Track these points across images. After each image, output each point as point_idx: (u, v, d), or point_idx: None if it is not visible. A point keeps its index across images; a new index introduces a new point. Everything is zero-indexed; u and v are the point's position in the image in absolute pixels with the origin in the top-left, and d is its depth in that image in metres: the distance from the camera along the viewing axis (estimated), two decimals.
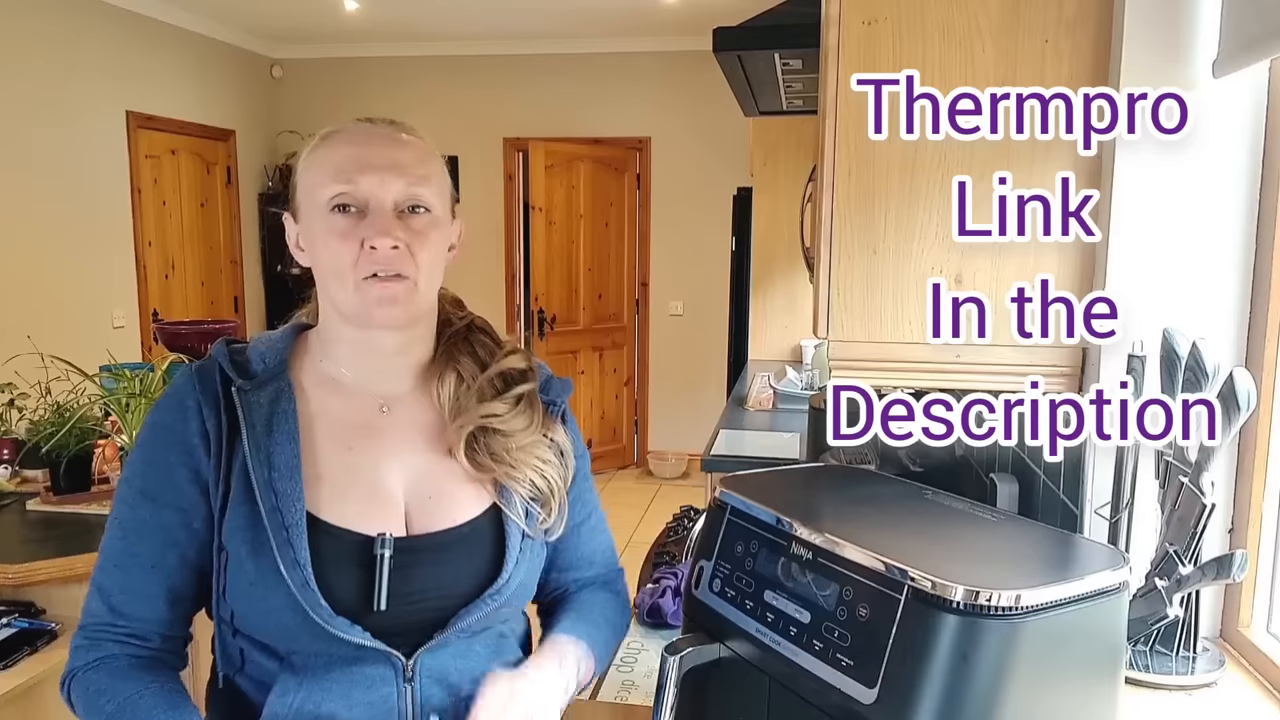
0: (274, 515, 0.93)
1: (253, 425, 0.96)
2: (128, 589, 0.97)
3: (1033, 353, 1.25)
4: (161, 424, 0.98)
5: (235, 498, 0.95)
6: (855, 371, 1.30)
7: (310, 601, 0.91)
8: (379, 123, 1.03)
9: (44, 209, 4.70)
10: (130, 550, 0.97)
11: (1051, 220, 1.22)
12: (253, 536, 0.93)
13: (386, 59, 6.40)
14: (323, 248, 0.98)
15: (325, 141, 1.01)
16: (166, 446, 0.97)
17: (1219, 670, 1.11)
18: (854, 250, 1.27)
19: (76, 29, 4.89)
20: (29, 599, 2.13)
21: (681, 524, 2.03)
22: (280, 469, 0.95)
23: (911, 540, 0.92)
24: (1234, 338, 1.19)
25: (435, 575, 0.98)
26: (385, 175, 0.97)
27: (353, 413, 1.03)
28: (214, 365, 1.00)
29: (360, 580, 0.95)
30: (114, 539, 0.98)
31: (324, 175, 0.98)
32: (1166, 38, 1.14)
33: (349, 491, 0.99)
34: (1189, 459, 1.07)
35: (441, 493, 1.01)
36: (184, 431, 0.97)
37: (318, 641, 0.93)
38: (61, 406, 2.40)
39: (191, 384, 0.98)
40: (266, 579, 0.92)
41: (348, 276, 0.96)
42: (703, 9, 5.17)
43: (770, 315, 4.46)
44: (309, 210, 1.00)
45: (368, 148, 0.99)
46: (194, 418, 0.97)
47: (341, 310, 1.00)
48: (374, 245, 0.95)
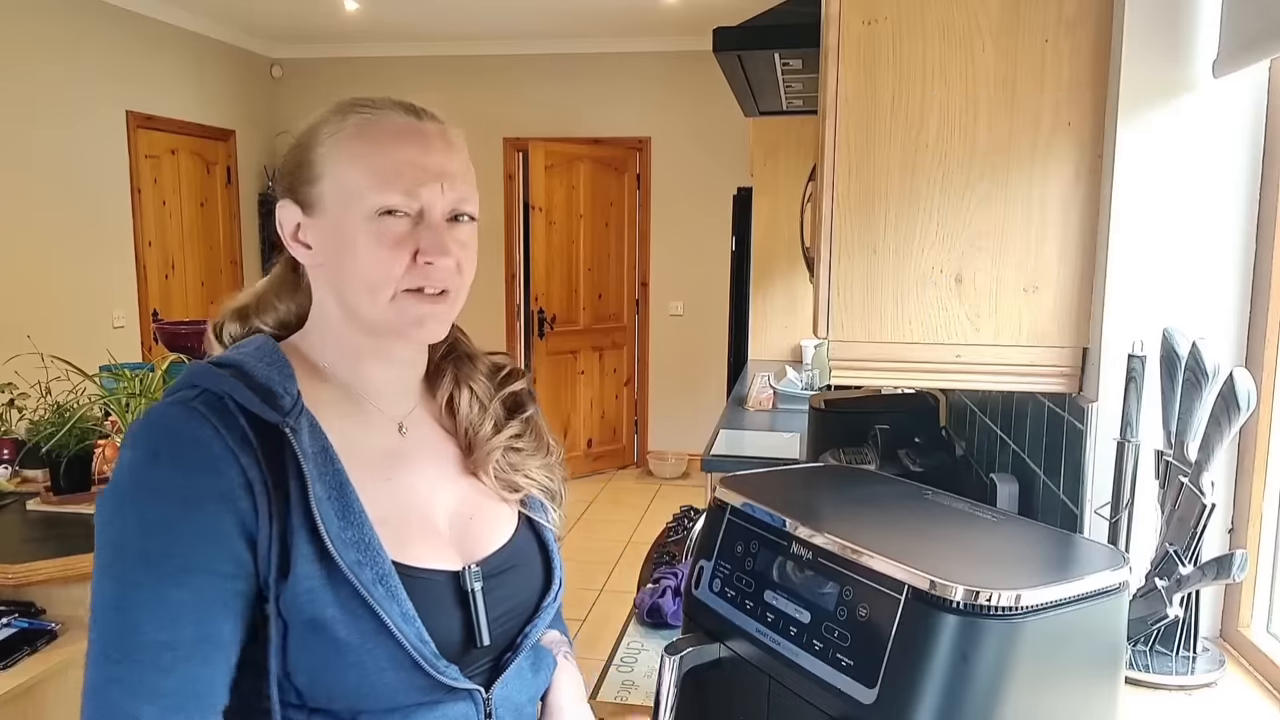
0: (362, 571, 0.81)
1: (313, 471, 0.82)
2: (182, 689, 0.77)
3: (1033, 353, 1.25)
4: (181, 482, 0.79)
5: (301, 557, 0.80)
6: (855, 371, 1.30)
7: (427, 656, 0.83)
8: (424, 115, 0.93)
9: (44, 209, 4.70)
10: (171, 643, 0.77)
11: (1052, 220, 1.22)
12: (338, 598, 0.80)
13: (386, 59, 6.41)
14: (361, 254, 0.87)
15: (367, 131, 0.89)
16: (199, 508, 0.79)
17: (1219, 670, 1.11)
18: (854, 250, 1.27)
19: (76, 29, 4.89)
20: (29, 599, 2.14)
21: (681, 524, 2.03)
22: (349, 518, 0.83)
23: (911, 540, 0.92)
24: (1234, 338, 1.19)
25: (509, 597, 0.94)
26: (442, 184, 0.89)
27: (377, 439, 0.93)
28: (225, 399, 0.82)
29: (459, 619, 0.89)
30: (146, 632, 0.77)
31: (373, 177, 0.87)
32: (1166, 38, 1.14)
33: (409, 528, 0.90)
34: (1189, 459, 1.07)
35: (479, 512, 0.97)
36: (221, 485, 0.79)
37: (416, 695, 0.85)
38: (61, 406, 2.40)
39: (206, 425, 0.80)
40: (367, 642, 0.81)
41: (386, 289, 0.87)
42: (703, 9, 5.17)
43: (770, 315, 4.46)
44: (340, 208, 0.88)
45: (426, 152, 0.89)
46: (230, 467, 0.80)
47: (366, 322, 0.90)
48: (431, 261, 0.87)
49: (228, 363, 0.86)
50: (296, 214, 0.91)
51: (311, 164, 0.90)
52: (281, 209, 0.92)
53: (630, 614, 1.63)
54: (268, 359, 0.88)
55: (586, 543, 4.91)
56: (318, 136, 0.90)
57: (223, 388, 0.83)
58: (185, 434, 0.80)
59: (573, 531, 5.12)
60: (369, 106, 0.91)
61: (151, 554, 0.78)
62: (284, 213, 0.92)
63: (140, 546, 0.79)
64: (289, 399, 0.84)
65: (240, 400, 0.82)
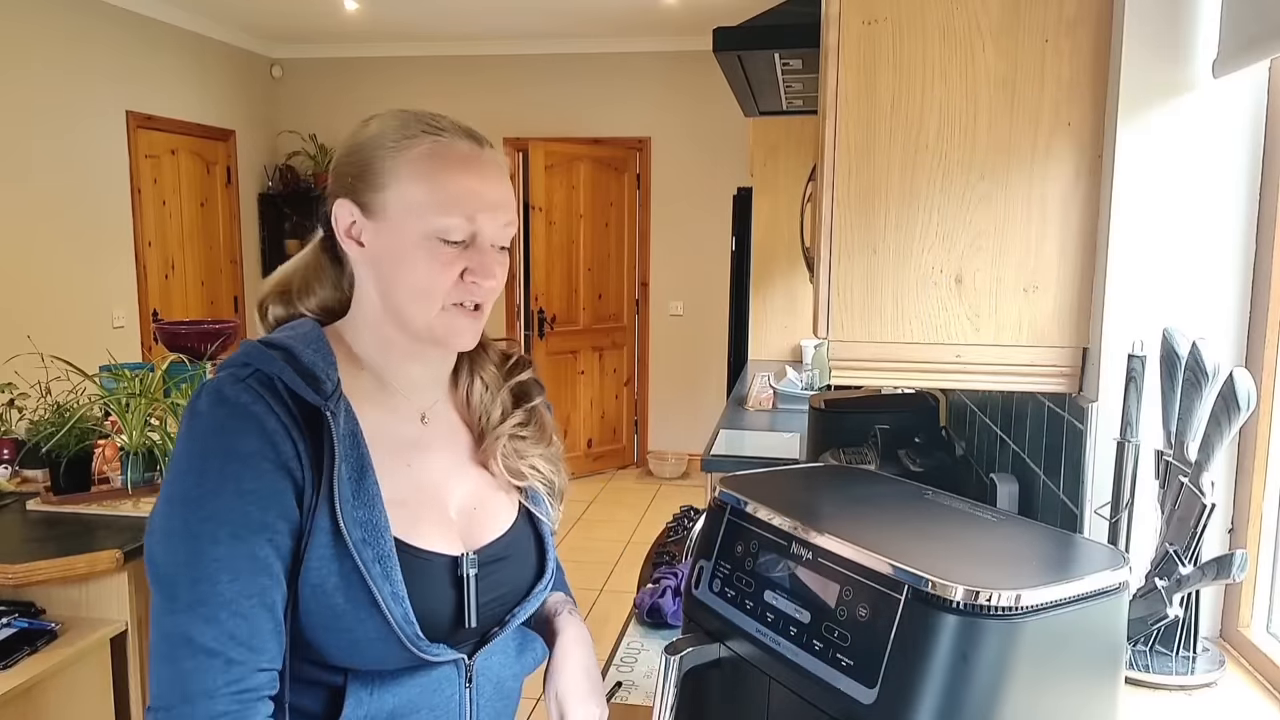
0: (364, 549, 0.89)
1: (344, 453, 0.90)
2: (257, 633, 0.86)
3: (1033, 353, 1.25)
4: (247, 449, 0.87)
5: (319, 528, 0.89)
6: (855, 371, 1.30)
7: (409, 634, 0.91)
8: (483, 144, 1.00)
9: (44, 209, 4.70)
10: (246, 592, 0.85)
11: (1052, 220, 1.22)
12: (341, 569, 0.89)
13: (386, 59, 6.41)
14: (416, 266, 0.94)
15: (435, 157, 0.95)
16: (265, 474, 0.87)
17: (1219, 670, 1.11)
18: (854, 250, 1.27)
19: (77, 29, 4.89)
20: (29, 599, 2.14)
21: (681, 524, 2.03)
22: (364, 499, 0.91)
23: (911, 540, 0.92)
24: (1234, 338, 1.19)
25: (500, 583, 1.02)
26: (496, 215, 0.97)
27: (402, 426, 1.01)
28: (275, 380, 0.90)
29: (451, 600, 0.97)
30: (222, 585, 0.84)
31: (436, 199, 0.94)
32: (1166, 38, 1.14)
33: (422, 512, 0.97)
34: (1189, 459, 1.07)
35: (483, 502, 1.04)
36: (279, 455, 0.88)
37: (401, 663, 0.93)
38: (61, 406, 2.40)
39: (261, 402, 0.88)
40: (359, 613, 0.89)
41: (435, 301, 0.95)
42: (703, 9, 5.17)
43: (770, 315, 4.46)
44: (402, 220, 0.94)
45: (484, 182, 0.97)
46: (284, 441, 0.88)
47: (409, 326, 0.97)
48: (478, 282, 0.96)
49: (279, 344, 0.93)
50: (354, 212, 0.97)
51: (378, 172, 0.96)
52: (339, 205, 0.98)
53: (630, 614, 1.63)
54: (314, 345, 0.95)
55: (586, 543, 4.91)
56: (387, 148, 0.96)
57: (273, 369, 0.90)
58: (240, 408, 0.88)
59: (573, 531, 5.12)
60: (437, 130, 0.97)
61: (227, 515, 0.85)
62: (341, 209, 0.98)
63: (216, 508, 0.86)
64: (330, 384, 0.91)
65: (288, 382, 0.90)
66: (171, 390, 2.49)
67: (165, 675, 0.85)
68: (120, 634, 2.12)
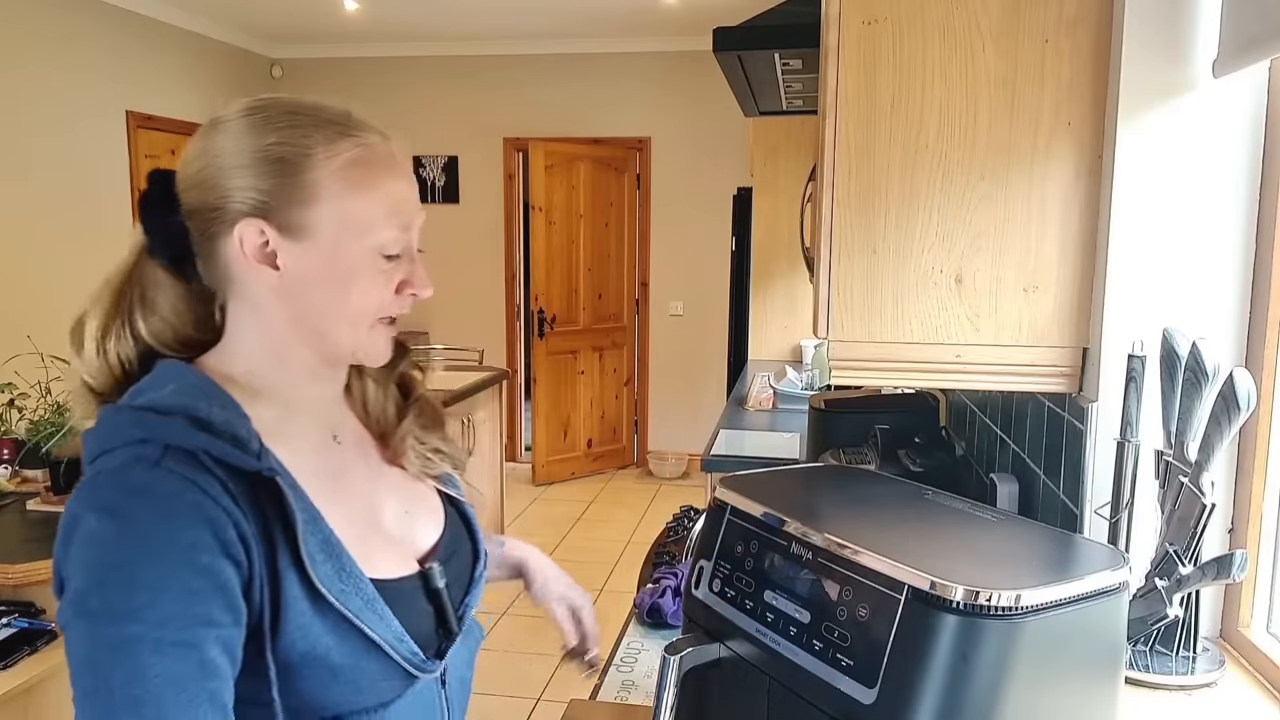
0: (348, 599, 0.83)
1: (296, 513, 0.80)
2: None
3: (1033, 353, 1.25)
4: (182, 544, 0.74)
5: (291, 599, 0.80)
6: (855, 371, 1.30)
7: (415, 662, 0.89)
8: (388, 137, 0.91)
9: (44, 209, 4.70)
10: (191, 701, 0.73)
11: (1052, 220, 1.22)
12: (329, 626, 0.82)
13: (386, 59, 6.41)
14: (359, 286, 0.86)
15: (364, 162, 0.87)
16: (205, 567, 0.75)
17: (1219, 670, 1.11)
18: (854, 250, 1.27)
19: (76, 29, 4.89)
20: (29, 599, 2.14)
21: (681, 524, 2.03)
22: (330, 551, 0.83)
23: (911, 540, 0.92)
24: (1234, 338, 1.19)
25: (458, 578, 1.00)
26: (421, 216, 0.92)
27: (322, 459, 0.92)
28: (195, 452, 0.78)
29: (431, 616, 0.95)
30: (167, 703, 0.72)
31: (380, 212, 0.86)
32: (1166, 38, 1.14)
33: (371, 542, 0.91)
34: (1189, 459, 1.07)
35: (412, 503, 1.00)
36: (222, 543, 0.76)
37: (394, 691, 0.90)
38: (62, 406, 2.40)
39: (192, 488, 0.76)
40: (361, 662, 0.84)
41: (369, 318, 0.88)
42: (703, 9, 5.17)
43: (770, 315, 4.46)
44: (336, 238, 0.85)
45: (411, 185, 0.91)
46: (225, 526, 0.77)
47: (332, 350, 0.90)
48: (416, 293, 0.91)
49: (174, 409, 0.79)
50: (266, 233, 0.84)
51: (304, 185, 0.84)
52: (244, 226, 0.84)
53: (630, 614, 1.63)
54: (208, 396, 0.82)
55: (586, 543, 4.91)
56: (313, 158, 0.84)
57: (194, 443, 0.77)
58: (176, 496, 0.76)
59: (573, 531, 5.12)
60: (356, 131, 0.87)
61: (166, 620, 0.73)
62: (247, 230, 0.84)
63: (154, 615, 0.73)
64: (255, 442, 0.80)
65: (215, 454, 0.78)
66: None
67: None
68: None
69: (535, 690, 3.36)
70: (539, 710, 3.24)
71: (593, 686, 1.36)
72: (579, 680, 1.28)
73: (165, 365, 0.86)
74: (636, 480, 6.24)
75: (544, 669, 3.44)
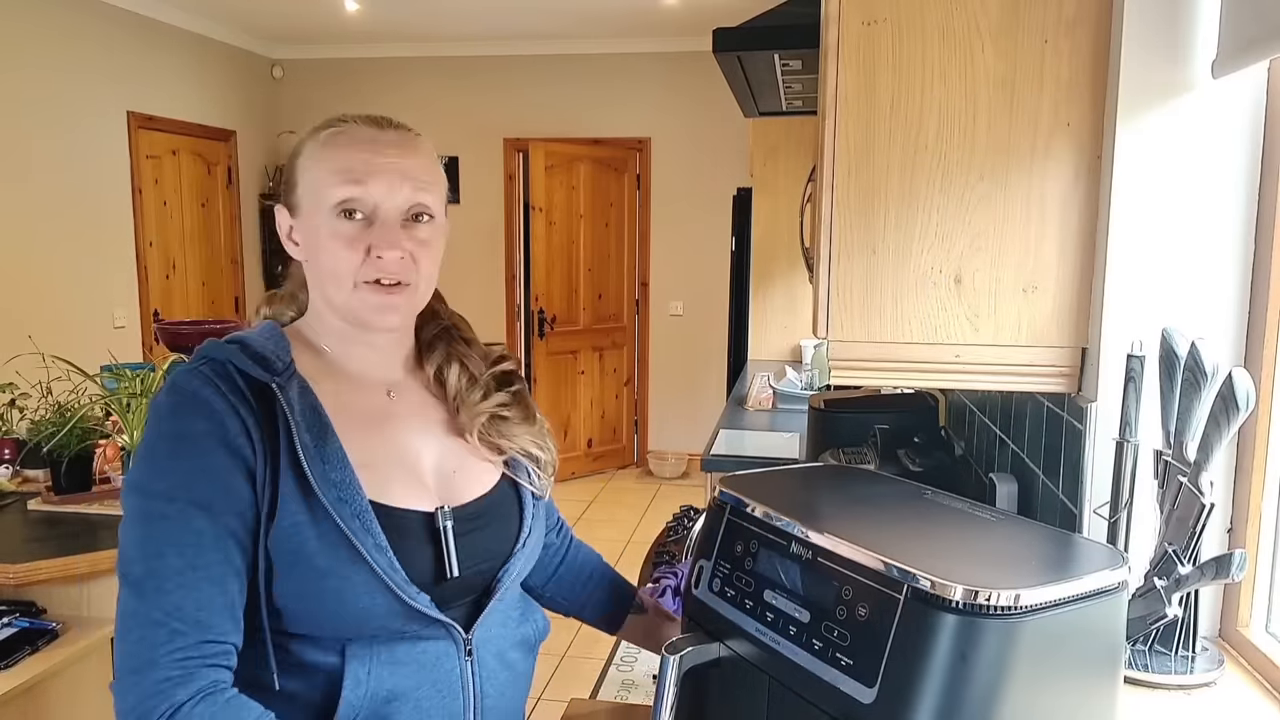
0: (341, 506, 0.93)
1: (299, 421, 0.95)
2: (204, 606, 0.89)
3: (1032, 353, 1.25)
4: (194, 431, 0.92)
5: (287, 496, 0.93)
6: (855, 371, 1.31)
7: (397, 581, 0.94)
8: (385, 126, 1.03)
9: (45, 209, 4.70)
10: (193, 565, 0.89)
11: (1051, 220, 1.23)
12: (319, 531, 0.92)
13: (387, 59, 6.41)
14: (325, 250, 0.99)
15: (332, 140, 1.01)
16: (209, 452, 0.91)
17: (1218, 670, 1.11)
18: (854, 250, 1.27)
19: (77, 29, 4.89)
20: (30, 599, 2.14)
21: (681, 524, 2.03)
22: (331, 461, 0.95)
23: (911, 540, 0.92)
24: (1233, 338, 1.19)
25: (483, 539, 1.05)
26: (394, 181, 0.99)
27: (367, 399, 1.05)
28: (226, 364, 0.95)
29: (430, 554, 1.00)
30: (169, 559, 0.89)
31: (331, 177, 0.99)
32: (1166, 38, 1.14)
33: (392, 474, 1.01)
34: (1188, 459, 1.07)
35: (461, 467, 1.08)
36: (225, 434, 0.92)
37: (392, 622, 0.95)
38: (62, 406, 2.40)
39: (210, 386, 0.93)
40: (344, 569, 0.92)
41: (346, 280, 0.99)
42: (703, 9, 5.17)
43: (770, 315, 4.46)
44: (311, 208, 1.01)
45: (377, 153, 1.00)
46: (231, 419, 0.92)
47: (338, 310, 1.02)
48: (381, 255, 0.98)
49: (233, 339, 0.99)
50: (287, 218, 1.05)
51: (293, 172, 1.03)
52: (277, 212, 1.06)
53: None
54: (267, 335, 1.01)
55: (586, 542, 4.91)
56: (301, 149, 1.03)
57: (224, 355, 0.96)
58: (190, 394, 0.93)
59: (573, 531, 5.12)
60: (341, 121, 1.03)
61: (174, 492, 0.90)
62: (280, 217, 1.06)
63: (164, 487, 0.91)
64: (280, 364, 0.97)
65: (238, 364, 0.95)
66: None
67: (120, 649, 0.89)
68: None
69: (535, 690, 3.36)
70: (539, 710, 3.24)
71: (592, 686, 1.36)
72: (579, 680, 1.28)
73: (264, 322, 1.07)
74: (636, 480, 6.24)
75: (544, 668, 3.44)
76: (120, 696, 0.87)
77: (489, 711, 1.04)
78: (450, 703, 1.00)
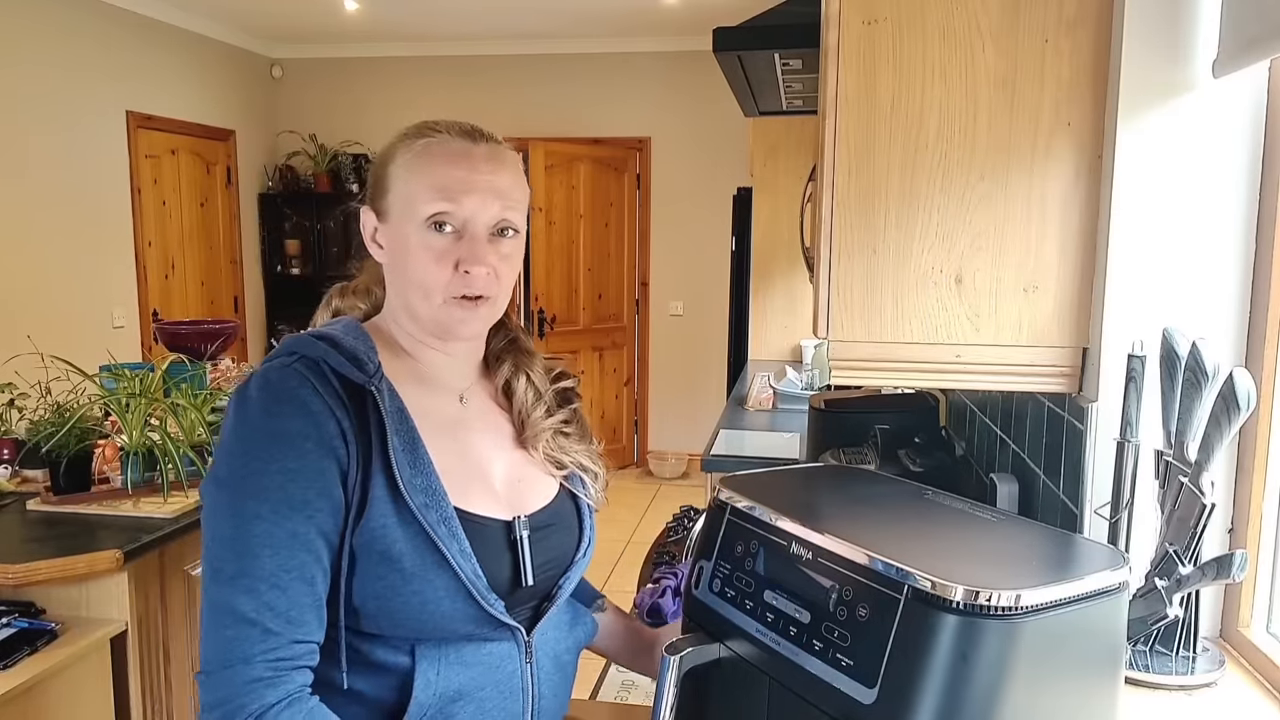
0: (429, 512, 0.95)
1: (395, 425, 0.96)
2: (295, 605, 0.90)
3: (1033, 353, 1.25)
4: (290, 431, 0.92)
5: (377, 497, 0.94)
6: (855, 371, 1.30)
7: (479, 588, 0.96)
8: (478, 138, 1.05)
9: (44, 209, 4.70)
10: (285, 567, 0.90)
11: (1052, 220, 1.22)
12: (406, 534, 0.94)
13: (386, 59, 6.41)
14: (414, 261, 1.00)
15: (426, 151, 1.02)
16: (306, 454, 0.92)
17: (1219, 670, 1.11)
18: (854, 250, 1.27)
19: (77, 29, 4.89)
20: (29, 599, 2.14)
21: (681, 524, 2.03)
22: (419, 466, 0.97)
23: (911, 540, 0.92)
24: (1234, 338, 1.19)
25: (550, 548, 1.08)
26: (486, 199, 1.01)
27: (442, 405, 1.07)
28: (320, 363, 0.96)
29: (508, 562, 1.02)
30: (263, 560, 0.89)
31: (426, 191, 1.00)
32: (1166, 38, 1.14)
33: (470, 482, 1.03)
34: (1189, 459, 1.07)
35: (525, 477, 1.11)
36: (322, 434, 0.93)
37: (465, 626, 0.98)
38: (61, 406, 2.39)
39: (307, 385, 0.94)
40: (429, 573, 0.94)
41: (436, 294, 1.01)
42: (703, 9, 5.17)
43: (770, 315, 4.46)
44: (401, 217, 1.02)
45: (472, 169, 1.01)
46: (328, 420, 0.93)
47: (420, 320, 1.04)
48: (469, 270, 1.00)
49: (320, 335, 0.99)
50: (373, 220, 1.06)
51: (384, 178, 1.04)
52: (363, 214, 1.07)
53: (630, 614, 1.63)
54: (353, 334, 1.01)
55: None
56: (393, 155, 1.04)
57: (318, 353, 0.96)
58: (286, 392, 0.93)
59: None
60: (436, 130, 1.04)
61: (268, 493, 0.90)
62: (365, 218, 1.07)
63: (257, 486, 0.91)
64: (372, 365, 0.98)
65: (333, 364, 0.96)
66: (171, 390, 2.49)
67: (210, 642, 0.90)
68: (120, 634, 2.12)
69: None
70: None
71: (593, 686, 1.35)
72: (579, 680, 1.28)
73: (341, 317, 1.09)
74: (636, 480, 6.24)
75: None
76: (209, 689, 0.89)
77: (544, 712, 1.06)
78: (510, 703, 1.02)
